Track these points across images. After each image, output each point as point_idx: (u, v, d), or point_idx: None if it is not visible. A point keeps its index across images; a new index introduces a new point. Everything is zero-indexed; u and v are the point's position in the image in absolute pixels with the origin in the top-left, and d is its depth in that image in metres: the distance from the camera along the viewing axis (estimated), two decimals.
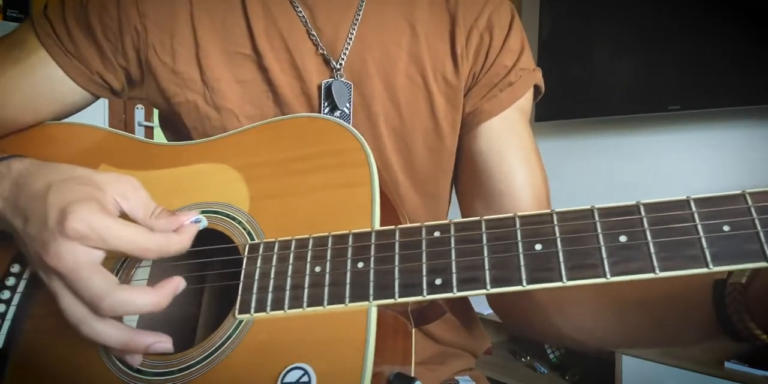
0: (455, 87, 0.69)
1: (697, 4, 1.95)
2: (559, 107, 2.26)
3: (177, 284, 0.45)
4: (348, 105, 0.67)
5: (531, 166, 0.70)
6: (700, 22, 1.94)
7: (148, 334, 0.45)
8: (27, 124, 0.67)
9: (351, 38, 0.67)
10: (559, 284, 0.39)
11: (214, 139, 0.60)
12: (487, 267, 0.41)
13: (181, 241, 0.46)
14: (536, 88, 0.73)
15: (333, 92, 0.65)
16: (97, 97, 0.71)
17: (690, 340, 0.51)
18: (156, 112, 0.75)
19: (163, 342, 0.45)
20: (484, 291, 0.41)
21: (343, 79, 0.66)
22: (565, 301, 0.61)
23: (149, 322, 0.57)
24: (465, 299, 0.80)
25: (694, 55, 1.96)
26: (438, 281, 0.42)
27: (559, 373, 2.20)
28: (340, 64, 0.67)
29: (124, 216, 0.46)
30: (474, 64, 0.70)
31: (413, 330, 0.50)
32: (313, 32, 0.66)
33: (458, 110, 0.70)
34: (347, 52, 0.67)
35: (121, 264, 0.56)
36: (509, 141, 0.69)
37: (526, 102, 0.72)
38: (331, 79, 0.66)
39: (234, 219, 0.52)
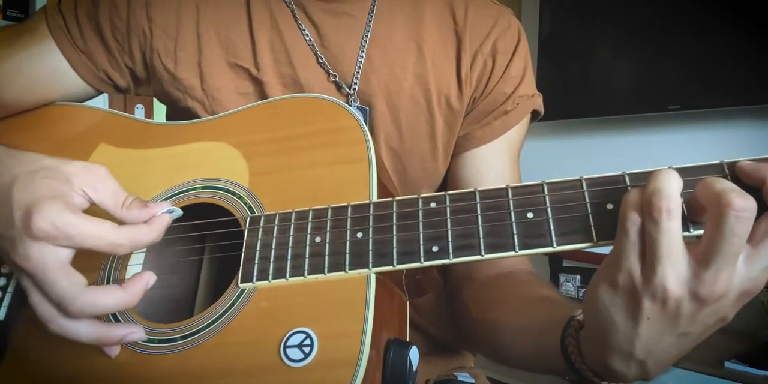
0: (457, 111, 0.70)
1: (697, 4, 1.96)
2: (559, 107, 2.25)
3: (147, 280, 0.45)
4: None
5: None
6: (700, 22, 1.94)
7: (119, 326, 0.46)
8: (26, 108, 0.68)
9: (361, 61, 0.67)
10: (549, 249, 0.41)
11: (214, 119, 0.61)
12: (481, 235, 0.43)
13: (151, 233, 0.45)
14: (535, 112, 0.74)
15: None
16: (100, 92, 0.72)
17: (554, 370, 0.49)
18: (156, 111, 0.76)
19: (135, 332, 0.46)
20: (478, 257, 0.42)
21: (358, 104, 0.67)
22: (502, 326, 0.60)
23: (148, 292, 0.58)
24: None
25: (694, 55, 1.96)
26: (435, 248, 0.44)
27: None
28: (354, 89, 0.67)
29: (93, 208, 0.46)
30: (475, 90, 0.70)
31: (407, 301, 0.52)
32: (321, 54, 0.67)
33: (454, 134, 0.71)
34: (359, 76, 0.67)
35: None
36: (488, 174, 0.71)
37: (517, 131, 0.72)
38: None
39: (234, 194, 0.54)
